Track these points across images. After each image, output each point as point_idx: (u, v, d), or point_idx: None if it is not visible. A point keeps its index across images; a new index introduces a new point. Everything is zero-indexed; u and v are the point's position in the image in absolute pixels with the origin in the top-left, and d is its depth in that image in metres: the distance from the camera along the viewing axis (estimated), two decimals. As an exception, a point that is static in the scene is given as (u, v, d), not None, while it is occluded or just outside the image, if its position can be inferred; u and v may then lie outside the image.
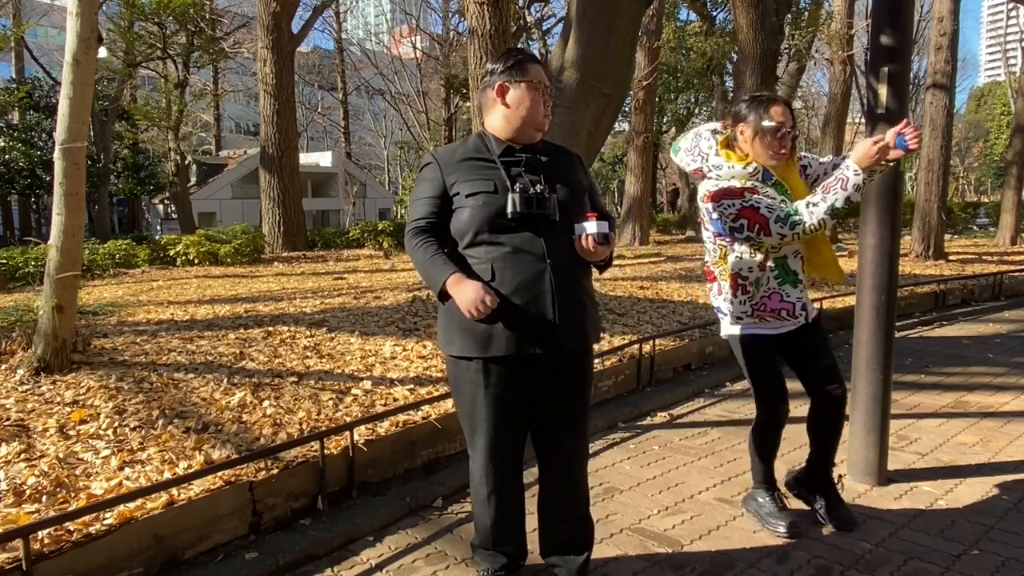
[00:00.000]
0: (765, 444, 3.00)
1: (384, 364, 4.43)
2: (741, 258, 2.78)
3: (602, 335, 2.60)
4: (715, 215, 2.73)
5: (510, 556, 2.49)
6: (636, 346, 4.87)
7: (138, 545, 2.45)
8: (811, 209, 2.59)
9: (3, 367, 4.05)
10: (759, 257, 2.75)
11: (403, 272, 10.06)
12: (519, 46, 20.93)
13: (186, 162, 23.93)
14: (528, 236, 2.20)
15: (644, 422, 4.36)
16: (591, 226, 2.23)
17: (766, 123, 2.69)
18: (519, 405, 2.33)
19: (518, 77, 2.27)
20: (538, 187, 2.23)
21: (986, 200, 36.05)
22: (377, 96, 34.80)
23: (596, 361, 4.36)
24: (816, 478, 3.03)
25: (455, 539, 2.88)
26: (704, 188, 2.79)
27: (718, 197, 2.72)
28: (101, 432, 3.21)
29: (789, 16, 13.26)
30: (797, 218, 2.60)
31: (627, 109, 17.59)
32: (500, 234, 2.20)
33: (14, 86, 24.18)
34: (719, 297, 2.92)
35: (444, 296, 2.22)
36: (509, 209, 2.18)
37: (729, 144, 2.80)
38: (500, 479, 2.39)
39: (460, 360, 2.29)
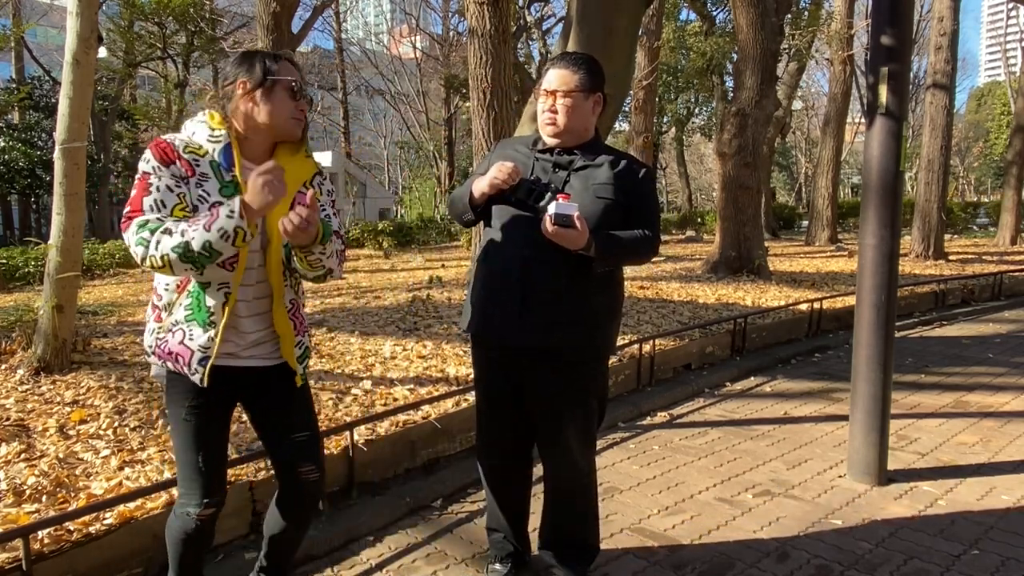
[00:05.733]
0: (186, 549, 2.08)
1: (384, 364, 4.43)
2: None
3: (594, 346, 2.32)
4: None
5: (516, 544, 2.53)
6: (636, 346, 4.87)
7: (138, 545, 2.45)
8: (157, 237, 1.73)
9: (3, 367, 4.05)
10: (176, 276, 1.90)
11: (403, 272, 10.06)
12: (520, 50, 20.94)
13: (186, 162, 23.91)
14: (522, 228, 2.24)
15: (644, 422, 4.36)
16: (551, 207, 2.10)
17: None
18: (503, 390, 2.36)
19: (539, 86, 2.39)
20: (546, 183, 2.25)
21: (986, 200, 36.06)
22: (377, 96, 34.78)
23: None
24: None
25: (455, 539, 2.88)
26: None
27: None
28: (101, 432, 3.21)
29: (789, 16, 13.26)
30: (144, 235, 1.75)
31: (627, 109, 17.56)
32: (500, 224, 2.31)
33: (14, 86, 24.18)
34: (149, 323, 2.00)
35: (473, 202, 2.32)
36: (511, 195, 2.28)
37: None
38: (489, 465, 2.49)
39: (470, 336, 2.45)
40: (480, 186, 2.26)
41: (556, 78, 2.27)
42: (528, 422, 2.40)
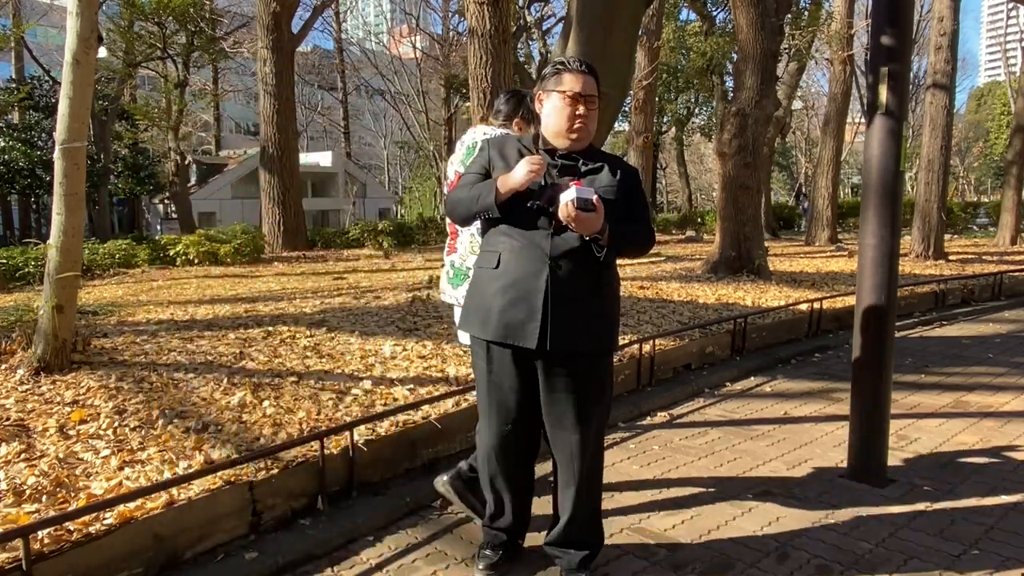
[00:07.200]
0: None
1: (384, 364, 4.43)
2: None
3: (612, 343, 2.48)
4: None
5: (509, 534, 2.61)
6: (636, 346, 4.87)
7: (138, 545, 2.45)
8: None
9: (3, 367, 4.05)
10: None
11: (403, 272, 10.06)
12: (520, 50, 20.92)
13: (186, 162, 23.87)
14: (538, 234, 2.31)
15: (644, 422, 4.36)
16: (569, 192, 2.17)
17: None
18: (519, 394, 2.42)
19: (550, 87, 2.38)
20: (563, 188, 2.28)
21: (986, 200, 36.06)
22: (377, 96, 34.78)
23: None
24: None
25: (455, 539, 2.88)
26: None
27: None
28: (101, 432, 3.20)
29: (789, 16, 13.25)
30: None
31: (627, 109, 17.58)
32: (514, 227, 2.34)
33: (14, 86, 24.16)
34: None
35: (498, 198, 2.29)
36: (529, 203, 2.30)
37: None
38: (499, 466, 2.52)
39: (473, 338, 2.48)
40: (511, 183, 2.27)
41: (583, 84, 2.34)
42: (538, 422, 2.47)
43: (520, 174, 2.25)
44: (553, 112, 2.37)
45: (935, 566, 2.62)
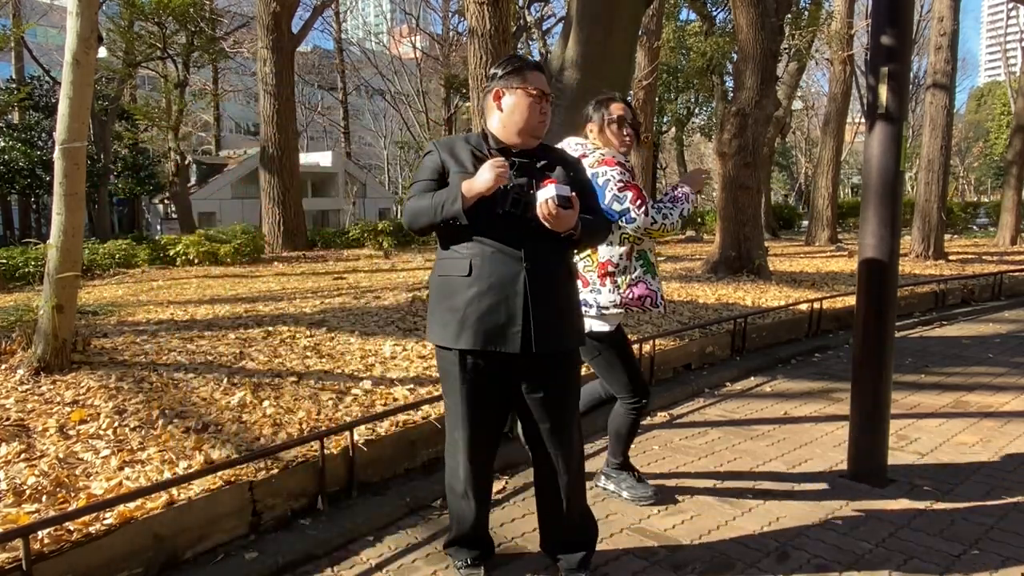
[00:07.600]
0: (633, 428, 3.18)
1: (384, 364, 4.43)
2: (611, 245, 2.92)
3: (584, 339, 2.56)
4: (600, 181, 2.86)
5: (482, 546, 2.59)
6: (636, 346, 4.86)
7: (138, 545, 2.45)
8: (664, 211, 2.93)
9: (3, 367, 4.05)
10: (626, 246, 2.95)
11: (403, 272, 10.06)
12: (520, 50, 20.93)
13: (186, 162, 23.86)
14: (510, 236, 2.26)
15: (644, 422, 4.35)
16: (548, 190, 2.16)
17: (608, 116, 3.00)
18: (496, 400, 2.40)
19: (514, 84, 2.33)
20: (526, 189, 2.26)
21: (986, 200, 36.07)
22: (377, 96, 34.79)
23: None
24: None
25: (455, 539, 2.88)
26: (589, 163, 2.89)
27: (608, 163, 2.91)
28: (101, 432, 3.21)
29: (789, 16, 13.25)
30: (659, 212, 2.92)
31: (627, 109, 17.52)
32: (482, 234, 2.26)
33: (14, 86, 24.16)
34: (583, 291, 2.92)
35: (465, 204, 2.20)
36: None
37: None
38: (475, 479, 2.45)
39: (441, 349, 2.38)
40: (478, 187, 2.17)
41: (544, 82, 2.36)
42: (503, 429, 2.51)
43: (486, 178, 2.16)
44: (517, 110, 2.31)
45: (935, 566, 2.62)
